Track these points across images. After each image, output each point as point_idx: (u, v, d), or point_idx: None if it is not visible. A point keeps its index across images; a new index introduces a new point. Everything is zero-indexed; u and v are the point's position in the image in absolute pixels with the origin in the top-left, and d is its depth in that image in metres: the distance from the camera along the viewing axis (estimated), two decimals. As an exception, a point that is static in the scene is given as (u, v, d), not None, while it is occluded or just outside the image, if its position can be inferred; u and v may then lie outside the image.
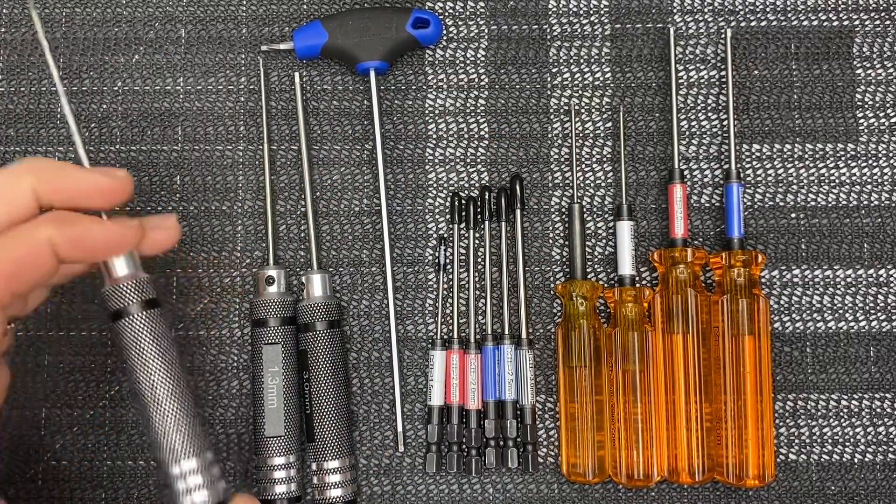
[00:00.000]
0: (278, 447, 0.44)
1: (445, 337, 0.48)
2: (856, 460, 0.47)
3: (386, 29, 0.48)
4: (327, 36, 0.48)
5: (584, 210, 0.49)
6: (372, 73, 0.48)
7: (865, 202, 0.49)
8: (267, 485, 0.44)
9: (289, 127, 0.49)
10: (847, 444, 0.47)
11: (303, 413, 0.45)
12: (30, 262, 0.35)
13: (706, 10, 0.50)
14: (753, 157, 0.49)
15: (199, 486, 0.36)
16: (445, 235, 0.49)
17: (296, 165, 0.49)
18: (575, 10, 0.50)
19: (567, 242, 0.49)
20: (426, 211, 0.49)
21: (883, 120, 0.49)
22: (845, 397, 0.48)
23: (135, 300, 0.37)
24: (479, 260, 0.48)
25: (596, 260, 0.49)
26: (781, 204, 0.49)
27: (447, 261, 0.48)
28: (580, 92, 0.50)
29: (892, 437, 0.47)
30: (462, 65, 0.50)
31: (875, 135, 0.49)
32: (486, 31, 0.50)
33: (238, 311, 0.48)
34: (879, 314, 0.48)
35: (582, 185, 0.49)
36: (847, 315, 0.48)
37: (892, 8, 0.50)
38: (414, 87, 0.50)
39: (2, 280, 0.34)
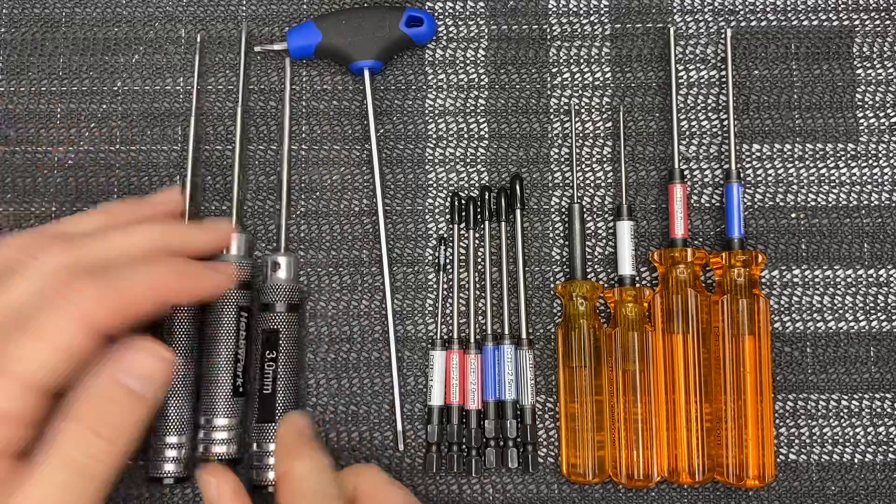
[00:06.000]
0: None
1: (445, 337, 0.48)
2: (856, 460, 0.47)
3: (379, 28, 0.48)
4: (321, 36, 0.48)
5: (584, 210, 0.49)
6: (366, 73, 0.48)
7: (865, 202, 0.49)
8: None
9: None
10: (847, 444, 0.47)
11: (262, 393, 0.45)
12: (151, 294, 0.38)
13: (706, 10, 0.50)
14: (753, 157, 0.49)
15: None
16: (445, 235, 0.49)
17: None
18: (575, 10, 0.50)
19: (567, 242, 0.49)
20: (426, 211, 0.49)
21: (883, 120, 0.49)
22: (845, 397, 0.48)
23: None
24: (479, 260, 0.48)
25: (596, 260, 0.49)
26: (781, 204, 0.49)
27: (447, 261, 0.48)
28: (580, 92, 0.50)
29: (892, 437, 0.47)
30: (462, 65, 0.50)
31: (875, 135, 0.49)
32: (486, 31, 0.50)
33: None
34: (879, 314, 0.48)
35: (582, 185, 0.49)
36: (847, 315, 0.48)
37: (892, 8, 0.50)
38: (413, 87, 0.50)
39: (122, 304, 0.36)
